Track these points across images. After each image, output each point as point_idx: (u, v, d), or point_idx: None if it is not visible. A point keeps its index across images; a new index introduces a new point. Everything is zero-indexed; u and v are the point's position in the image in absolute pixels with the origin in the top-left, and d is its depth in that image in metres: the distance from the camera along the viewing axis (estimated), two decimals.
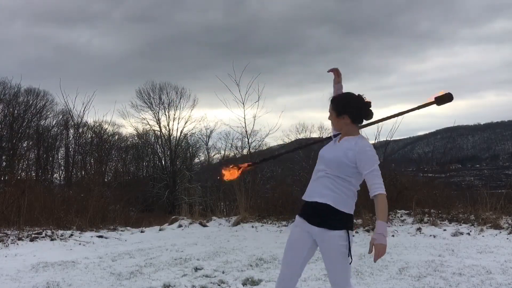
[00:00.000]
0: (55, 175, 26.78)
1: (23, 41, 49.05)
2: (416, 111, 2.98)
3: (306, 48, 69.59)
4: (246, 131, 15.58)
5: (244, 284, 4.78)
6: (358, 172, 2.64)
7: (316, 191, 2.70)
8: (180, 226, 10.17)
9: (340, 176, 2.64)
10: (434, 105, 2.90)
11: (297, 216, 2.82)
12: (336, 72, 3.23)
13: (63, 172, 26.71)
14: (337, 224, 2.61)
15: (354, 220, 6.11)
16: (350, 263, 2.63)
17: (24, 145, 27.06)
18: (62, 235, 8.11)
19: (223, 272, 5.30)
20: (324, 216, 2.63)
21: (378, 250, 2.41)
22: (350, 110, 2.72)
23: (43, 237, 7.91)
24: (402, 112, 3.03)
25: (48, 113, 28.20)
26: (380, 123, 6.63)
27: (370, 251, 2.45)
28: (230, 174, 3.20)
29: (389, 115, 3.08)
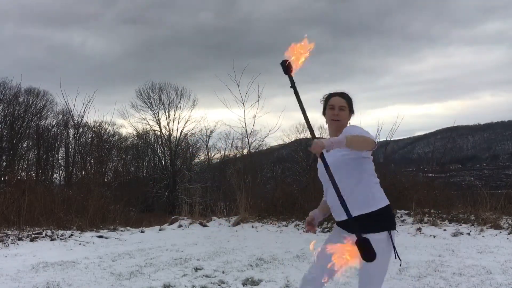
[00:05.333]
0: (55, 175, 26.77)
1: (15, 42, 49.15)
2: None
3: None
4: (246, 131, 15.57)
5: (244, 284, 4.78)
6: (363, 157, 2.43)
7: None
8: (180, 226, 10.18)
9: (352, 173, 2.40)
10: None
11: (335, 225, 2.67)
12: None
13: (63, 172, 26.68)
14: (375, 225, 2.37)
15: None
16: (400, 265, 2.50)
17: (24, 145, 27.11)
18: (62, 235, 8.11)
19: (223, 272, 5.29)
20: (363, 222, 2.33)
21: (315, 145, 2.15)
22: (353, 112, 2.66)
23: (43, 237, 7.91)
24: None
25: (48, 113, 28.26)
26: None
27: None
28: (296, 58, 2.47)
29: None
